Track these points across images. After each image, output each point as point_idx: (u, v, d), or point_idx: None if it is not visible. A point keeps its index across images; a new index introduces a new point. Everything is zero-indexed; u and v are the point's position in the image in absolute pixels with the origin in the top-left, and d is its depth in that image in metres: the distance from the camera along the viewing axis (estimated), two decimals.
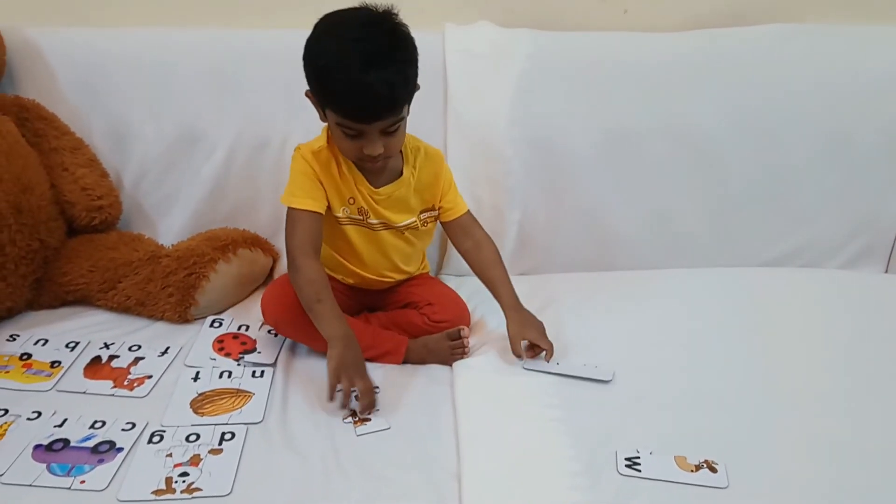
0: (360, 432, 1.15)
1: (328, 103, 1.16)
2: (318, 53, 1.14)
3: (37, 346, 1.32)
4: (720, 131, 1.59)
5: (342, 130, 1.17)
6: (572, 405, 1.18)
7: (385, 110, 1.14)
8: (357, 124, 1.14)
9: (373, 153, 1.17)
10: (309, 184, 1.25)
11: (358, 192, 1.28)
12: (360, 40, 1.10)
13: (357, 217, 1.30)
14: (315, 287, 1.22)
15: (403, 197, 1.32)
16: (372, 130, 1.15)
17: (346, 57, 1.10)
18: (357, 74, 1.09)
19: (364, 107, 1.13)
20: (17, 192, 1.36)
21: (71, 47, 1.57)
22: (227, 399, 1.20)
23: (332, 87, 1.13)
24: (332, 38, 1.13)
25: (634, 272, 1.61)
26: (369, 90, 1.10)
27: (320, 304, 1.21)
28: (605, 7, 1.70)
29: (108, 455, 1.07)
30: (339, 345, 1.17)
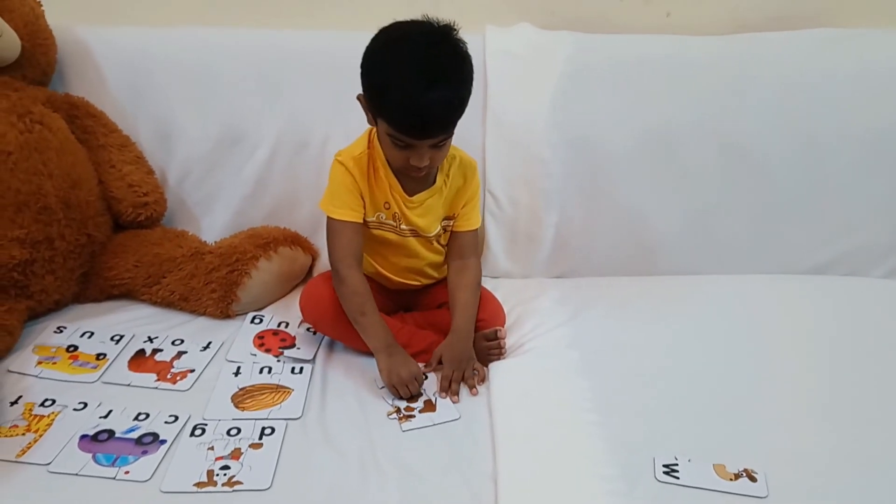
0: (406, 428, 1.16)
1: (382, 115, 1.18)
2: (378, 67, 1.16)
3: (83, 338, 1.35)
4: (763, 136, 1.57)
5: (392, 141, 1.19)
6: (609, 410, 1.18)
7: (439, 129, 1.17)
8: (409, 139, 1.17)
9: (419, 165, 1.20)
10: (348, 195, 1.28)
11: (392, 198, 1.30)
12: (422, 59, 1.13)
13: (390, 223, 1.32)
14: (359, 299, 1.27)
15: (434, 205, 1.34)
16: (422, 145, 1.18)
17: (407, 75, 1.12)
18: (417, 94, 1.11)
19: (420, 126, 1.15)
20: (66, 187, 1.39)
21: (119, 47, 1.61)
22: (267, 394, 1.22)
23: (389, 102, 1.15)
24: (394, 53, 1.15)
25: (673, 277, 1.59)
26: (427, 111, 1.13)
27: (364, 316, 1.26)
28: (647, 10, 1.70)
29: (152, 447, 1.10)
30: (384, 357, 1.24)
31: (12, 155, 1.33)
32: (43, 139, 1.38)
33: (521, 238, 1.60)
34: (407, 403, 1.22)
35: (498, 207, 1.59)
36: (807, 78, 1.59)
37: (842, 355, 1.35)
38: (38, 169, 1.35)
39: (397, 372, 1.22)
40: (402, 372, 1.22)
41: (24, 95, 1.41)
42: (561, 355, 1.31)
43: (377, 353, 1.25)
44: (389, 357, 1.24)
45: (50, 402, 1.18)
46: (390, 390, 1.23)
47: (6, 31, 1.39)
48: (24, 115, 1.38)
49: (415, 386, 1.22)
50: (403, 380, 1.22)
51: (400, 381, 1.22)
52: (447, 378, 1.26)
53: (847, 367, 1.32)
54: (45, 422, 1.14)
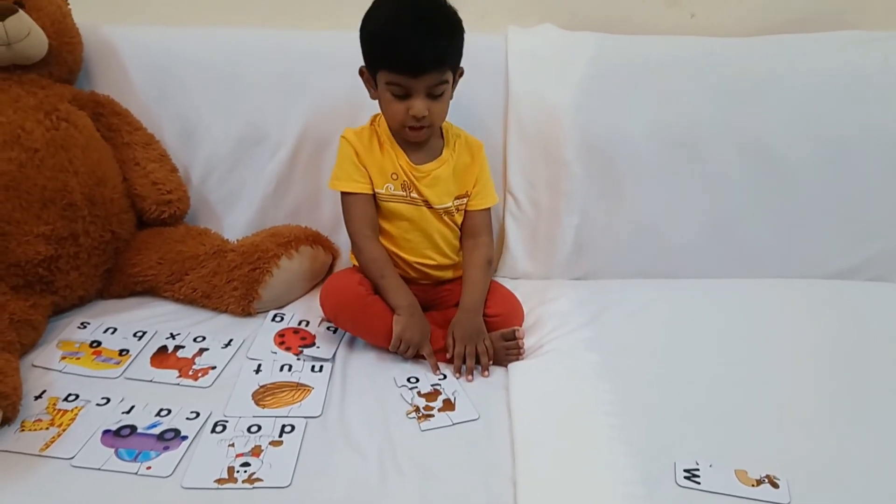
0: (424, 428, 1.16)
1: (379, 62, 1.26)
2: (372, 17, 1.27)
3: (106, 334, 1.36)
4: (787, 138, 1.56)
5: (391, 91, 1.26)
6: (630, 413, 1.17)
7: (432, 63, 1.24)
8: (406, 78, 1.24)
9: (418, 114, 1.26)
10: (352, 167, 1.35)
11: (400, 169, 1.35)
12: (413, 4, 1.25)
13: (401, 193, 1.36)
14: (378, 265, 1.34)
15: (442, 177, 1.37)
16: (419, 88, 1.25)
17: (399, 14, 1.23)
18: (409, 27, 1.22)
19: (414, 55, 1.23)
20: (91, 184, 1.40)
21: (144, 46, 1.62)
22: (288, 392, 1.23)
23: (385, 39, 1.24)
24: (388, 4, 1.27)
25: (694, 281, 1.58)
26: (421, 40, 1.22)
27: (384, 279, 1.33)
28: (671, 11, 1.69)
29: (174, 443, 1.10)
30: (404, 313, 1.30)
31: (39, 152, 1.35)
32: (69, 136, 1.40)
33: (542, 239, 1.60)
34: (427, 402, 1.21)
35: (518, 209, 1.59)
36: (832, 80, 1.57)
37: (866, 361, 1.33)
38: (64, 166, 1.37)
39: (411, 331, 1.28)
40: (415, 335, 1.29)
41: (50, 93, 1.43)
42: (580, 357, 1.31)
43: (398, 310, 1.30)
44: (410, 316, 1.30)
45: (73, 396, 1.20)
46: (393, 341, 1.28)
47: (34, 30, 1.41)
48: (50, 112, 1.39)
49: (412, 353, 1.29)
50: (414, 342, 1.29)
51: (408, 340, 1.28)
52: (460, 356, 1.29)
53: (871, 373, 1.29)
54: (68, 416, 1.15)
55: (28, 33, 1.39)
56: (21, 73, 1.42)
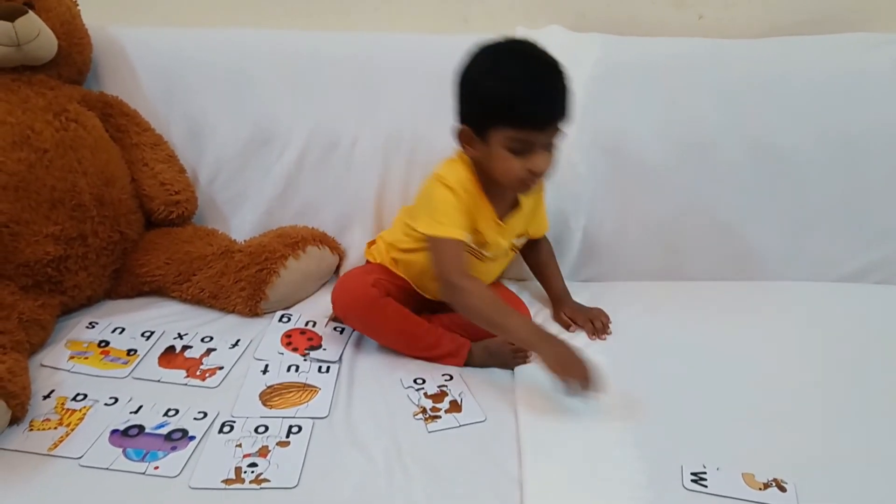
0: (431, 429, 1.16)
1: (504, 120, 1.19)
2: (493, 74, 1.20)
3: (114, 334, 1.37)
4: (796, 140, 1.55)
5: (511, 147, 1.20)
6: (637, 415, 1.17)
7: (560, 113, 1.21)
8: (531, 133, 1.19)
9: (542, 167, 1.22)
10: (456, 214, 1.26)
11: (485, 225, 1.32)
12: (542, 56, 1.21)
13: (473, 248, 1.33)
14: (494, 301, 1.23)
15: (517, 224, 1.37)
16: (542, 142, 1.21)
17: (534, 67, 1.20)
18: (546, 79, 1.19)
19: (549, 109, 1.20)
20: (100, 184, 1.41)
21: (152, 47, 1.63)
22: (295, 393, 1.23)
23: (518, 94, 1.17)
24: (513, 58, 1.21)
25: (702, 283, 1.57)
26: (556, 94, 1.20)
27: (508, 316, 1.22)
28: (679, 12, 1.68)
29: (181, 443, 1.11)
30: (547, 346, 1.18)
31: (48, 153, 1.35)
32: (78, 137, 1.40)
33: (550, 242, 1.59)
34: (433, 404, 1.21)
35: None
36: (841, 82, 1.56)
37: (874, 365, 1.32)
38: (73, 166, 1.38)
39: (570, 358, 1.15)
40: (574, 359, 1.15)
41: (59, 94, 1.44)
42: None
43: (539, 345, 1.18)
44: (553, 346, 1.17)
45: (82, 396, 1.20)
46: (564, 380, 1.14)
47: (43, 31, 1.41)
48: (59, 113, 1.40)
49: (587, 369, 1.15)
50: (582, 363, 1.15)
51: (579, 365, 1.14)
52: (587, 324, 1.40)
53: (879, 377, 1.29)
54: (76, 416, 1.16)
55: (38, 34, 1.39)
56: (30, 74, 1.43)
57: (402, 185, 1.60)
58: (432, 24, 1.70)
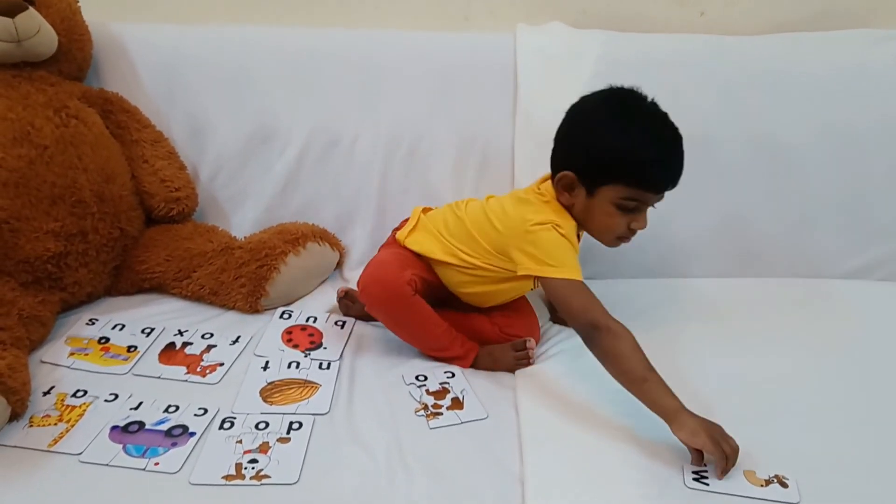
0: (433, 426, 1.16)
1: (622, 178, 1.20)
2: (620, 129, 1.20)
3: (114, 330, 1.36)
4: (799, 137, 1.55)
5: (621, 206, 1.22)
6: (639, 413, 1.15)
7: (677, 181, 1.23)
8: (649, 194, 1.22)
9: (641, 227, 1.25)
10: (574, 257, 1.26)
11: None
12: (665, 121, 1.22)
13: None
14: (642, 354, 1.14)
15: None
16: (653, 202, 1.24)
17: (661, 133, 1.21)
18: (671, 147, 1.21)
19: (670, 178, 1.22)
20: (100, 181, 1.41)
21: (153, 43, 1.62)
22: (295, 389, 1.23)
23: (642, 159, 1.19)
24: (640, 118, 1.21)
25: (703, 280, 1.57)
26: (678, 161, 1.22)
27: (653, 372, 1.12)
28: (681, 9, 1.68)
29: (182, 439, 1.10)
30: (688, 417, 1.07)
31: (48, 149, 1.35)
32: (78, 133, 1.40)
33: None
34: (435, 401, 1.21)
35: None
36: (844, 78, 1.56)
37: (876, 361, 1.31)
38: (74, 163, 1.37)
39: (721, 432, 1.06)
40: (716, 430, 1.05)
41: (60, 90, 1.43)
42: (589, 357, 1.28)
43: (679, 414, 1.07)
44: (693, 418, 1.06)
45: (82, 392, 1.20)
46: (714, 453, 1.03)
47: (44, 27, 1.41)
48: (60, 109, 1.40)
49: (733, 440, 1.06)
50: (726, 437, 1.05)
51: (725, 438, 1.05)
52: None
53: (882, 372, 1.28)
54: (76, 412, 1.15)
55: (38, 30, 1.39)
56: (31, 71, 1.42)
57: (402, 182, 1.60)
58: (433, 21, 1.69)
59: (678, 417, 1.06)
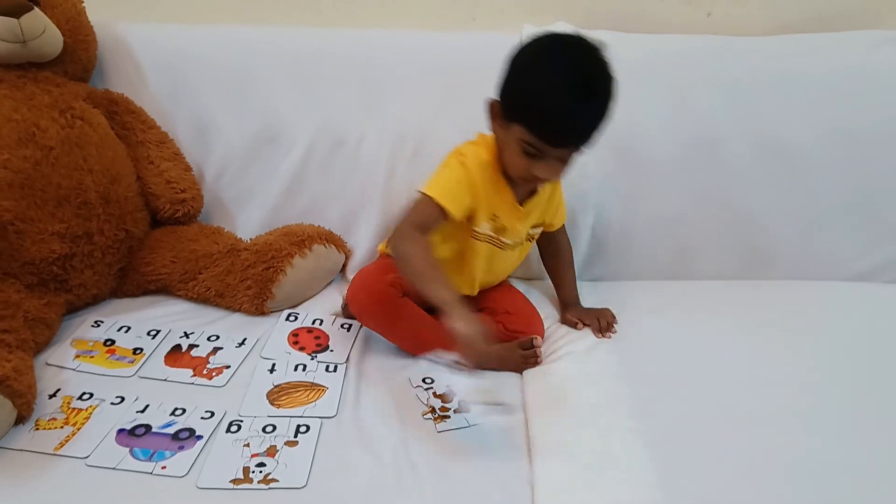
0: (441, 429, 1.15)
1: (524, 120, 1.15)
2: (534, 72, 1.14)
3: (120, 332, 1.36)
4: (807, 139, 1.54)
5: (523, 148, 1.16)
6: (649, 416, 1.15)
7: (582, 140, 1.16)
8: (547, 146, 1.14)
9: (545, 177, 1.20)
10: (460, 191, 1.23)
11: (503, 210, 1.29)
12: (584, 72, 1.12)
13: (492, 234, 1.31)
14: (433, 261, 1.17)
15: (534, 209, 1.34)
16: (555, 154, 1.16)
17: (567, 83, 1.11)
18: (576, 102, 1.11)
19: (568, 134, 1.15)
20: (106, 182, 1.40)
21: (158, 44, 1.61)
22: (302, 392, 1.22)
23: (544, 105, 1.12)
24: (553, 61, 1.13)
25: (711, 282, 1.56)
26: (581, 120, 1.13)
27: (439, 277, 1.14)
28: (687, 9, 1.67)
29: (188, 442, 1.10)
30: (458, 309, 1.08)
31: (54, 150, 1.34)
32: (84, 135, 1.39)
33: None
34: (442, 403, 1.20)
35: None
36: (851, 79, 1.55)
37: (887, 365, 1.31)
38: (79, 164, 1.36)
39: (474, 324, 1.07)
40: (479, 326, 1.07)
41: (65, 91, 1.42)
42: (598, 359, 1.30)
43: (451, 306, 1.08)
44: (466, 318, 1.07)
45: (88, 395, 1.19)
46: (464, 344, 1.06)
47: (49, 27, 1.40)
48: (65, 110, 1.39)
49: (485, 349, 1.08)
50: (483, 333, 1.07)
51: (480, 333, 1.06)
52: (594, 323, 1.38)
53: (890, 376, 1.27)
54: (83, 415, 1.15)
55: (43, 31, 1.38)
56: (36, 71, 1.41)
57: (408, 182, 1.58)
58: (439, 21, 1.68)
59: (451, 312, 1.08)
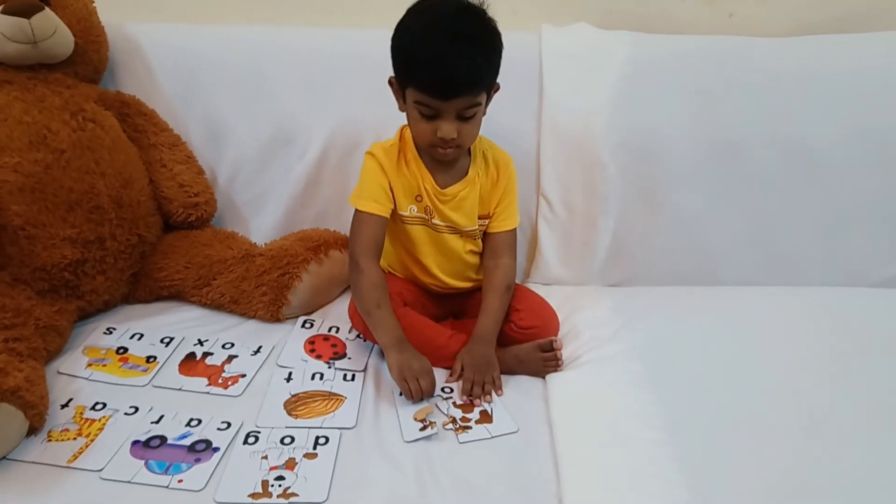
0: (463, 440, 1.12)
1: (409, 78, 1.17)
2: (405, 31, 1.17)
3: (133, 340, 1.33)
4: (832, 142, 1.51)
5: (419, 111, 1.18)
6: (677, 427, 1.12)
7: (465, 86, 1.15)
8: (435, 100, 1.15)
9: (446, 136, 1.18)
10: (376, 188, 1.27)
11: (424, 191, 1.28)
12: (451, 18, 1.14)
13: (423, 216, 1.30)
14: (378, 292, 1.25)
15: (468, 199, 1.31)
16: (449, 109, 1.16)
17: (434, 30, 1.13)
18: (444, 45, 1.11)
19: (446, 78, 1.13)
20: (118, 186, 1.37)
21: (169, 45, 1.59)
22: (320, 402, 1.19)
23: (416, 57, 1.15)
24: (423, 15, 1.16)
25: (734, 288, 1.53)
26: (454, 62, 1.12)
27: (379, 309, 1.24)
28: (709, 9, 1.64)
29: (205, 454, 1.07)
30: (394, 353, 1.21)
31: (65, 153, 1.32)
32: (95, 137, 1.36)
33: (576, 244, 1.55)
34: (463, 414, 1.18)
35: (552, 212, 1.55)
36: (877, 81, 1.53)
37: None
38: (91, 168, 1.34)
39: (409, 365, 1.18)
40: (413, 364, 1.18)
41: (76, 93, 1.40)
42: (622, 367, 1.26)
43: (387, 349, 1.22)
44: (400, 353, 1.20)
45: (101, 405, 1.16)
46: (400, 386, 1.18)
47: (60, 28, 1.37)
48: (76, 112, 1.36)
49: (427, 381, 1.18)
50: (415, 372, 1.17)
51: (412, 373, 1.17)
52: (469, 381, 1.22)
53: None
54: (96, 426, 1.12)
55: (54, 31, 1.36)
56: (46, 73, 1.39)
57: None
58: None
59: (386, 352, 1.21)
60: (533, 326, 1.32)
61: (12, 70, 1.36)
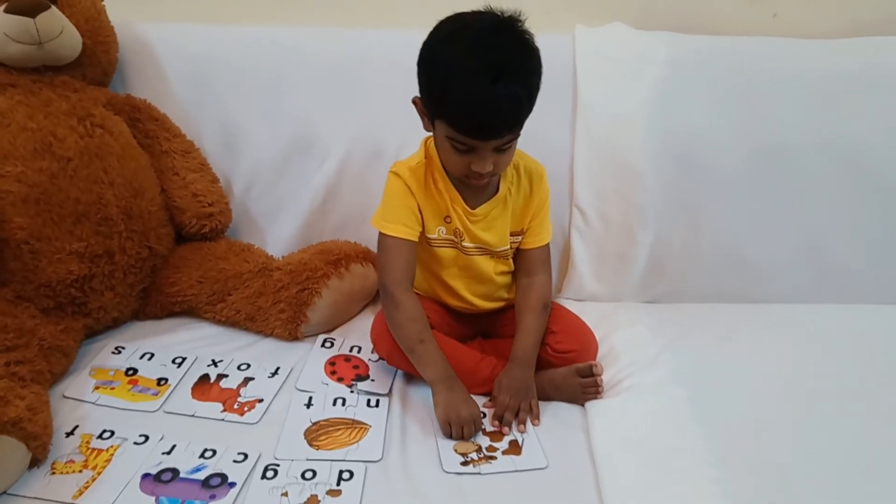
0: (484, 471, 1.04)
1: (442, 115, 1.08)
2: (438, 61, 1.07)
3: (142, 360, 1.26)
4: (884, 149, 1.44)
5: (452, 145, 1.09)
6: (729, 462, 1.04)
7: (506, 128, 1.07)
8: (472, 140, 1.06)
9: (482, 171, 1.10)
10: (403, 209, 1.18)
11: (453, 212, 1.20)
12: (487, 49, 1.03)
13: (452, 238, 1.22)
14: (418, 326, 1.17)
15: (499, 217, 1.22)
16: (485, 147, 1.07)
17: (470, 68, 1.02)
18: (483, 88, 1.01)
19: (486, 124, 1.05)
20: (128, 196, 1.31)
21: (182, 45, 1.53)
22: (343, 431, 1.11)
23: (452, 98, 1.04)
24: (456, 45, 1.05)
25: (782, 306, 1.46)
26: (495, 106, 1.03)
27: (423, 344, 1.16)
28: (752, 9, 1.57)
29: (220, 490, 0.99)
30: (443, 389, 1.13)
31: (72, 161, 1.25)
32: (104, 144, 1.30)
33: (611, 258, 1.47)
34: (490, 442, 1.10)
35: (585, 223, 1.47)
36: None
37: None
38: (99, 177, 1.27)
39: (456, 409, 1.10)
40: (462, 410, 1.10)
41: (84, 96, 1.34)
42: (666, 394, 1.18)
43: (435, 385, 1.14)
44: (450, 391, 1.13)
45: (108, 433, 1.09)
46: (443, 429, 1.11)
47: (67, 28, 1.31)
48: (84, 117, 1.30)
49: (471, 429, 1.10)
50: (462, 419, 1.10)
51: (458, 419, 1.10)
52: (503, 406, 1.14)
53: None
54: (103, 457, 1.04)
55: (61, 31, 1.29)
56: (52, 75, 1.33)
57: None
58: None
59: (434, 387, 1.14)
60: (571, 350, 1.24)
61: (16, 72, 1.31)
